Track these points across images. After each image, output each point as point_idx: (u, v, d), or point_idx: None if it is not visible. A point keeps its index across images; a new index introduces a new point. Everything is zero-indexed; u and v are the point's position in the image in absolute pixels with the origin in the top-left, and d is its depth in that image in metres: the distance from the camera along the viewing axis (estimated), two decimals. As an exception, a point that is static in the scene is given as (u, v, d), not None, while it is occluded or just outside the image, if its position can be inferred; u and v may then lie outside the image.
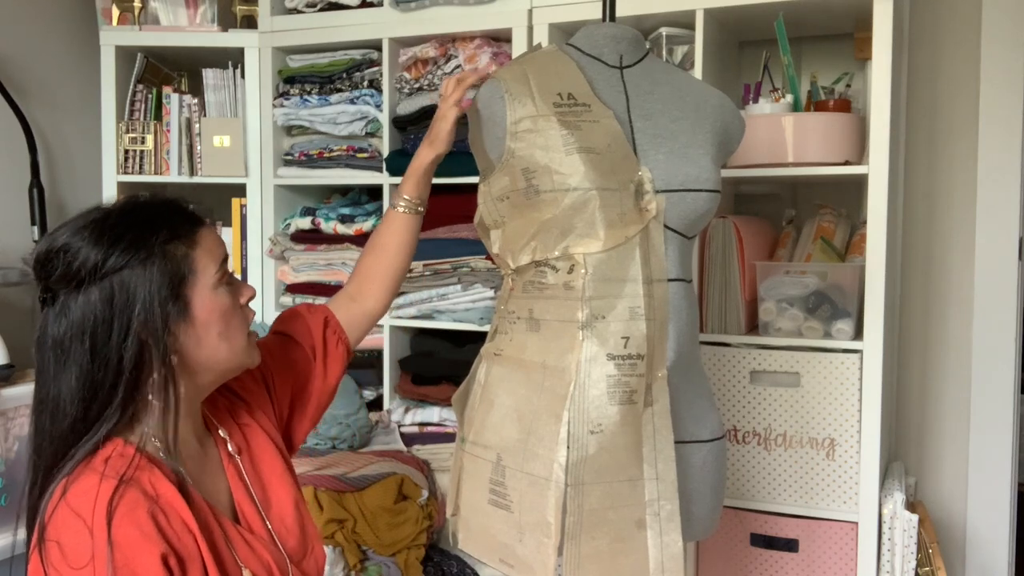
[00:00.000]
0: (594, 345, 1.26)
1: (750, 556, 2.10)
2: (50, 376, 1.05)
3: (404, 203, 1.43)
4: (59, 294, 1.05)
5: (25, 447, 1.87)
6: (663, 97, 1.39)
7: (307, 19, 2.54)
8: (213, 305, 1.09)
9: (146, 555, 0.97)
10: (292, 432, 1.35)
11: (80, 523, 0.96)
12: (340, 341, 1.38)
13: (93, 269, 1.02)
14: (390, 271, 1.44)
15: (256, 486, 1.20)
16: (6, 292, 2.42)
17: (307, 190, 2.73)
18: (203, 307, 1.08)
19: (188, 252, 1.08)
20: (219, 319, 1.10)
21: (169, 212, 1.10)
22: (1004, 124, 2.27)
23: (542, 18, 2.25)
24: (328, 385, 1.36)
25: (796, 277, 2.02)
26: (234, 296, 1.13)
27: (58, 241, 1.05)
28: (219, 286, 1.10)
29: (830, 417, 2.00)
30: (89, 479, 1.00)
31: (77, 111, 2.73)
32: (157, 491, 1.02)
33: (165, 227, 1.07)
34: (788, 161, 2.02)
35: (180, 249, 1.07)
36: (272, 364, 1.32)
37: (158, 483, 1.03)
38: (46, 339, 1.06)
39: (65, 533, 0.97)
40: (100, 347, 1.03)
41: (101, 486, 0.98)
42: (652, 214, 1.29)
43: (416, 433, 2.43)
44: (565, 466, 1.23)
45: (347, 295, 1.44)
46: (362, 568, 1.83)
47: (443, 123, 1.41)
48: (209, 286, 1.09)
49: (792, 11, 2.07)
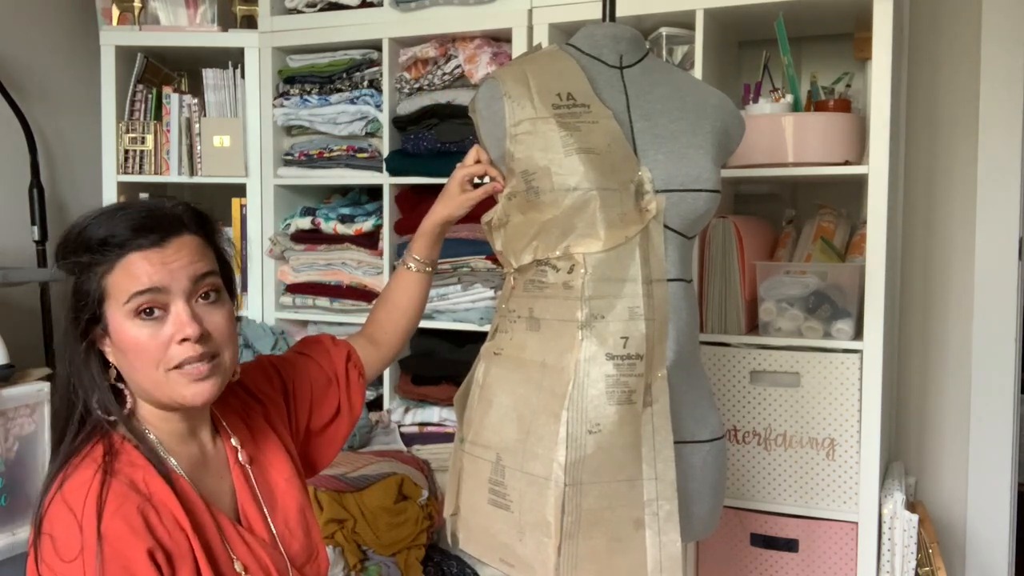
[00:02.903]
0: (593, 345, 1.26)
1: (750, 556, 2.10)
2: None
3: (414, 263, 1.46)
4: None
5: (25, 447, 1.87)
6: (663, 97, 1.39)
7: (307, 19, 2.54)
8: (123, 334, 1.05)
9: (133, 550, 0.97)
10: (313, 453, 1.37)
11: (71, 517, 0.97)
12: (360, 375, 1.41)
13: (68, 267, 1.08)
14: (401, 326, 1.48)
15: (263, 488, 1.20)
16: (6, 292, 2.42)
17: (307, 190, 2.73)
18: (115, 332, 1.06)
19: (105, 274, 1.05)
20: (129, 348, 1.05)
21: (125, 227, 1.05)
22: (1004, 124, 2.27)
23: (542, 18, 2.25)
24: (354, 416, 1.39)
25: (796, 277, 2.02)
26: (153, 330, 1.05)
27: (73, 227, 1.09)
28: (131, 317, 1.04)
29: (830, 417, 2.00)
30: (85, 472, 1.01)
31: (77, 111, 2.73)
32: (150, 488, 1.03)
33: (99, 243, 1.05)
34: (788, 161, 2.02)
35: (102, 268, 1.05)
36: (294, 375, 1.34)
37: (151, 480, 1.04)
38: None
39: (58, 526, 0.98)
40: (70, 340, 1.08)
41: (94, 480, 1.00)
42: (652, 214, 1.29)
43: (416, 433, 2.43)
44: (564, 465, 1.23)
45: (365, 337, 1.46)
46: (362, 568, 1.83)
47: (451, 181, 1.43)
48: (120, 313, 1.05)
49: (792, 11, 2.07)
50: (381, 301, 1.49)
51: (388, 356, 1.47)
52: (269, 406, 1.29)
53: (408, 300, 1.47)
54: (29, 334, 2.48)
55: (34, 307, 2.51)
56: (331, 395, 1.36)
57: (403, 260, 1.47)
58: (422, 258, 1.46)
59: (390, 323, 1.47)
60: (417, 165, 2.41)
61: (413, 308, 1.48)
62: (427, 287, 1.49)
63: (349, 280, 2.56)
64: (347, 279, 2.57)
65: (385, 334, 1.46)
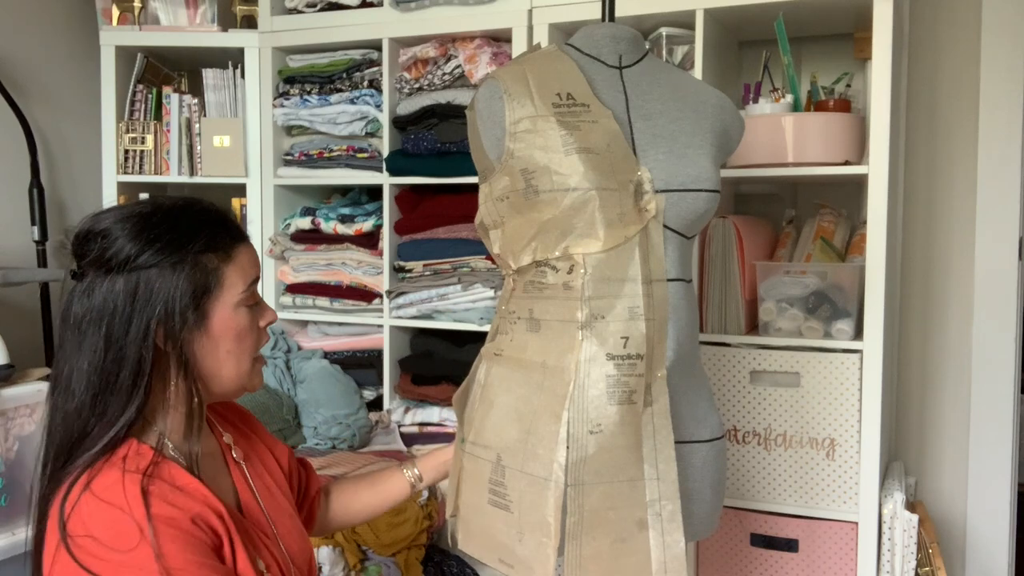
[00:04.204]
0: (593, 345, 1.26)
1: (750, 556, 2.10)
2: (66, 354, 1.06)
3: (414, 478, 1.44)
4: (88, 274, 1.06)
5: (25, 447, 1.87)
6: (662, 97, 1.39)
7: (307, 19, 2.54)
8: (230, 323, 1.10)
9: (185, 521, 1.00)
10: None
11: (115, 511, 0.97)
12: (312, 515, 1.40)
13: (124, 260, 1.04)
14: (361, 517, 1.47)
15: (258, 485, 1.21)
16: (6, 292, 2.42)
17: (307, 190, 2.74)
18: (220, 322, 1.09)
19: (220, 265, 1.09)
20: (232, 337, 1.11)
21: (214, 222, 1.11)
22: (1004, 124, 2.27)
23: (542, 18, 2.25)
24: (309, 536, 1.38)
25: (796, 277, 2.02)
26: (253, 318, 1.14)
27: (101, 223, 1.06)
28: (241, 305, 1.11)
29: (830, 417, 2.00)
30: (111, 474, 1.01)
31: (77, 111, 2.73)
32: (180, 483, 1.04)
33: (205, 236, 1.08)
34: (788, 161, 2.02)
35: (212, 261, 1.08)
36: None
37: (178, 476, 1.05)
38: (69, 315, 1.06)
39: (99, 524, 0.97)
40: (116, 338, 1.04)
41: (126, 478, 1.00)
42: (651, 214, 1.29)
43: (416, 433, 2.43)
44: (564, 466, 1.23)
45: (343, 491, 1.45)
46: (362, 568, 1.83)
47: None
48: (231, 303, 1.10)
49: (792, 11, 2.07)
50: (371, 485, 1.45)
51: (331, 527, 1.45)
52: (259, 434, 1.32)
53: (385, 503, 1.44)
54: (29, 334, 2.48)
55: (34, 307, 2.51)
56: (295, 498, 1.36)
57: (405, 467, 1.45)
58: (425, 480, 1.45)
59: (360, 510, 1.45)
60: (417, 165, 2.41)
61: (382, 510, 1.46)
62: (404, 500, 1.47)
63: (349, 280, 2.57)
64: (347, 279, 2.57)
65: (348, 515, 1.45)
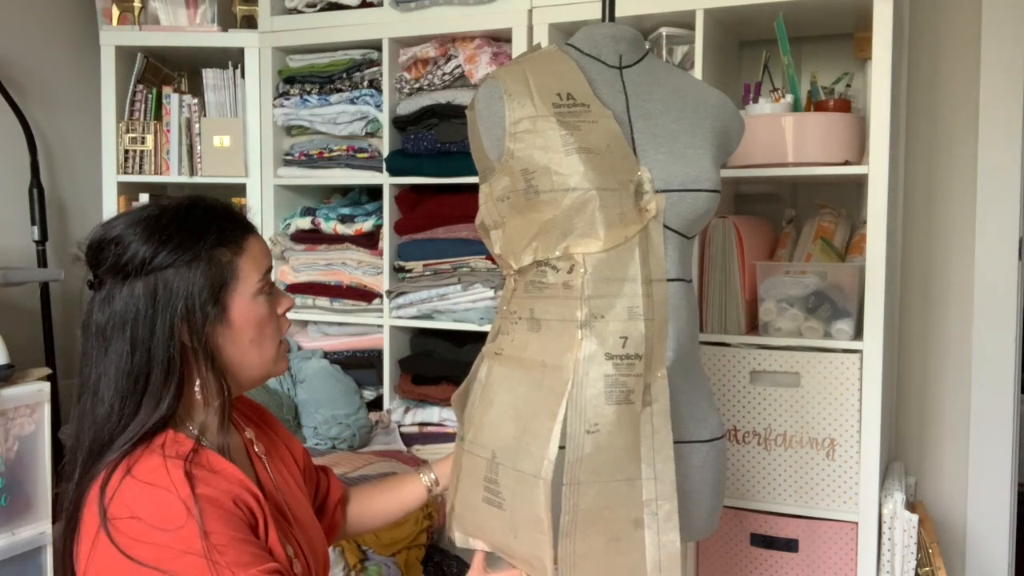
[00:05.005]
0: (593, 344, 1.26)
1: (750, 556, 2.10)
2: (92, 361, 1.08)
3: (431, 482, 1.45)
4: (106, 282, 1.07)
5: (25, 447, 1.87)
6: (663, 97, 1.39)
7: (307, 19, 2.54)
8: (250, 313, 1.12)
9: (225, 499, 1.02)
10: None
11: (160, 492, 0.99)
12: (335, 523, 1.40)
13: (140, 264, 1.05)
14: (377, 522, 1.47)
15: (279, 480, 1.23)
16: (6, 292, 2.42)
17: (307, 190, 2.74)
18: (240, 313, 1.11)
19: (233, 258, 1.11)
20: (254, 326, 1.12)
21: (221, 217, 1.12)
22: (1004, 124, 2.27)
23: (542, 18, 2.25)
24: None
25: (796, 277, 2.02)
26: (272, 306, 1.16)
27: (112, 231, 1.07)
28: (259, 295, 1.13)
29: (830, 417, 2.00)
30: (152, 459, 1.02)
31: (77, 111, 2.73)
32: (218, 468, 1.06)
33: (215, 231, 1.09)
34: (788, 161, 2.02)
35: (226, 255, 1.10)
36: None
37: (216, 461, 1.07)
38: (90, 324, 1.08)
39: (145, 505, 0.98)
40: (141, 340, 1.05)
41: (168, 463, 1.01)
42: (652, 214, 1.29)
43: (416, 433, 2.44)
44: (556, 463, 1.23)
45: (360, 498, 1.45)
46: (362, 568, 1.83)
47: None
48: (249, 294, 1.12)
49: (792, 11, 2.07)
50: (386, 492, 1.45)
51: (350, 533, 1.45)
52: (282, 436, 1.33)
53: (403, 509, 1.45)
54: (29, 334, 2.49)
55: (34, 307, 2.51)
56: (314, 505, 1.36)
57: (423, 472, 1.45)
58: (441, 485, 1.45)
59: (377, 516, 1.45)
60: (417, 165, 2.41)
61: (399, 516, 1.46)
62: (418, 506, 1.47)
63: (349, 280, 2.57)
64: (347, 279, 2.57)
65: (365, 521, 1.45)
